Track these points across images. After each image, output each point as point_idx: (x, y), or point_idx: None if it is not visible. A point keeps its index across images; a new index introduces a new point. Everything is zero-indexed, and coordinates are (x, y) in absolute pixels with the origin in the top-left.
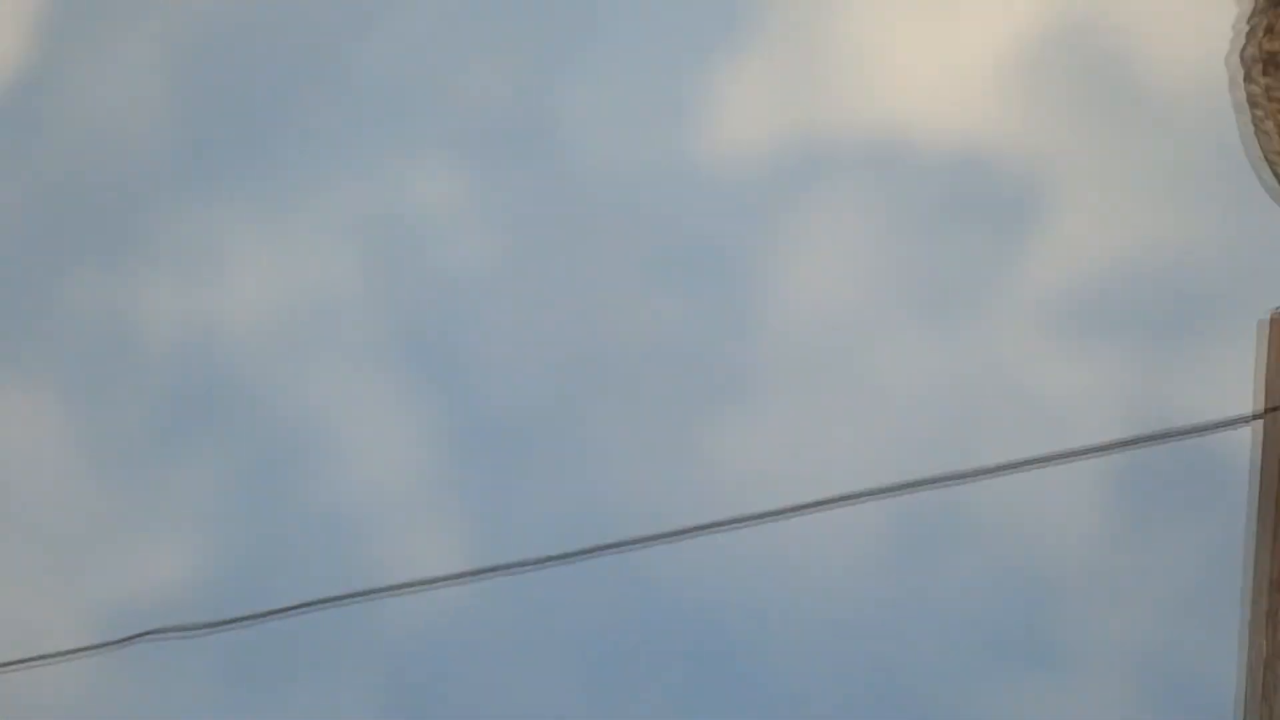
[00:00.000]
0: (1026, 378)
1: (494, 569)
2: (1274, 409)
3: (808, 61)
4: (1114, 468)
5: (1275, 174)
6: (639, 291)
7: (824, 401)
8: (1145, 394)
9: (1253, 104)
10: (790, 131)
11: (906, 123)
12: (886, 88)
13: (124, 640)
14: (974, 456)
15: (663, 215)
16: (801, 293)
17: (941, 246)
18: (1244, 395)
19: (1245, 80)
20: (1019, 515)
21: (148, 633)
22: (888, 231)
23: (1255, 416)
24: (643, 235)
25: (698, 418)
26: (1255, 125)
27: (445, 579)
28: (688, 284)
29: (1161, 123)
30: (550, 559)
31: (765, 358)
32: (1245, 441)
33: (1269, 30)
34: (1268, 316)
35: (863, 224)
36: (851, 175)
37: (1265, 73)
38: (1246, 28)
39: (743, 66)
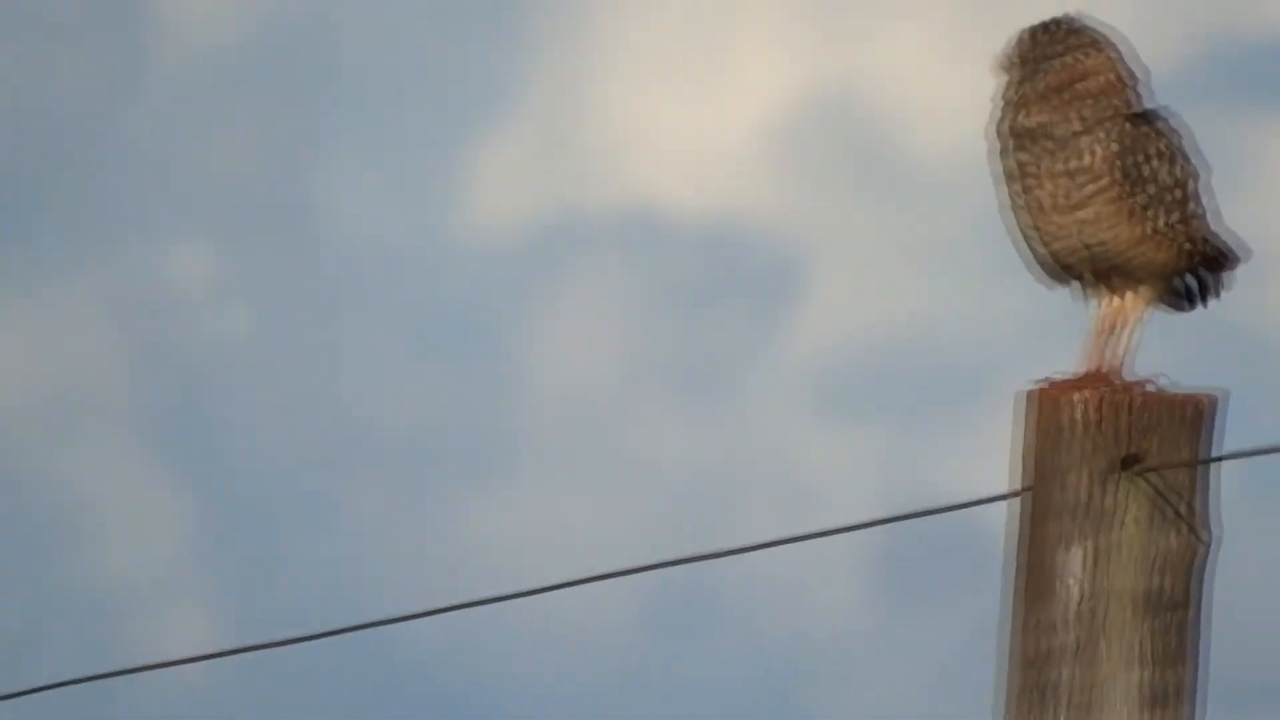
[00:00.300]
0: (785, 454)
1: (252, 647)
2: (1029, 488)
3: (564, 137)
4: (873, 544)
5: (1031, 248)
6: (396, 367)
7: (582, 477)
8: (904, 469)
9: (1010, 178)
10: (547, 207)
11: (663, 197)
12: (643, 163)
13: None
14: (732, 533)
15: (420, 291)
16: (559, 368)
17: (699, 321)
18: (1002, 470)
19: (1002, 154)
20: (778, 591)
21: None
22: (645, 306)
23: (1020, 491)
24: (400, 311)
25: (456, 493)
26: (1013, 199)
27: (202, 657)
28: (445, 360)
29: (922, 196)
30: (309, 637)
31: (523, 433)
32: (1002, 517)
33: (1025, 105)
34: (1025, 391)
35: (620, 299)
36: (608, 250)
37: (1021, 147)
38: (1004, 101)
39: (500, 142)
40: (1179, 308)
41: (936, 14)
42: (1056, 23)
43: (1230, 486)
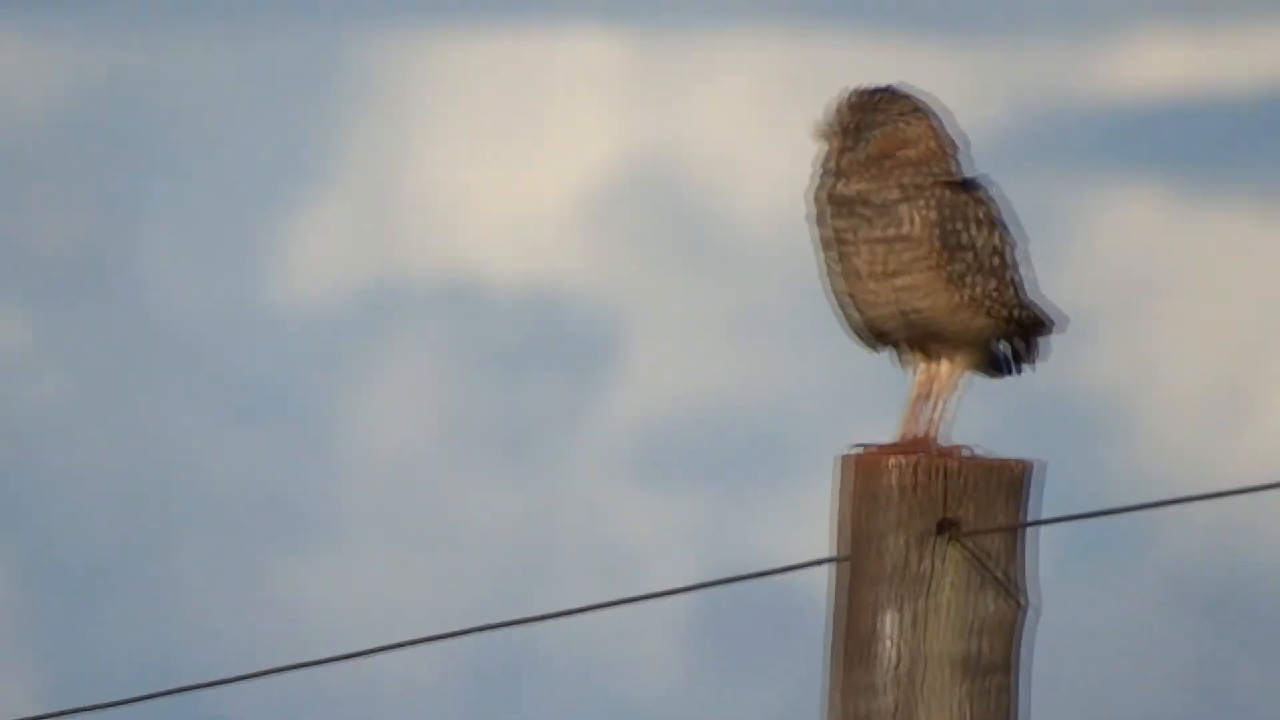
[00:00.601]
0: (605, 518)
1: (73, 710)
2: (846, 554)
3: (383, 204)
4: (695, 609)
5: (848, 315)
6: (215, 434)
7: (404, 541)
8: (725, 534)
9: (827, 245)
10: (367, 273)
11: (482, 264)
12: (462, 229)
13: None
14: (553, 596)
15: (237, 358)
16: (381, 433)
17: (517, 388)
18: (824, 534)
19: (820, 221)
20: (600, 655)
21: None
22: (465, 372)
23: (837, 557)
24: (217, 378)
25: (274, 559)
26: (830, 266)
27: None
28: (264, 426)
29: (740, 261)
30: (128, 700)
31: (346, 497)
32: (824, 582)
33: (845, 173)
34: (843, 456)
35: (440, 364)
36: (428, 316)
37: (840, 214)
38: (824, 169)
39: (319, 209)
40: (995, 374)
41: (755, 82)
42: (877, 91)
43: (1046, 552)
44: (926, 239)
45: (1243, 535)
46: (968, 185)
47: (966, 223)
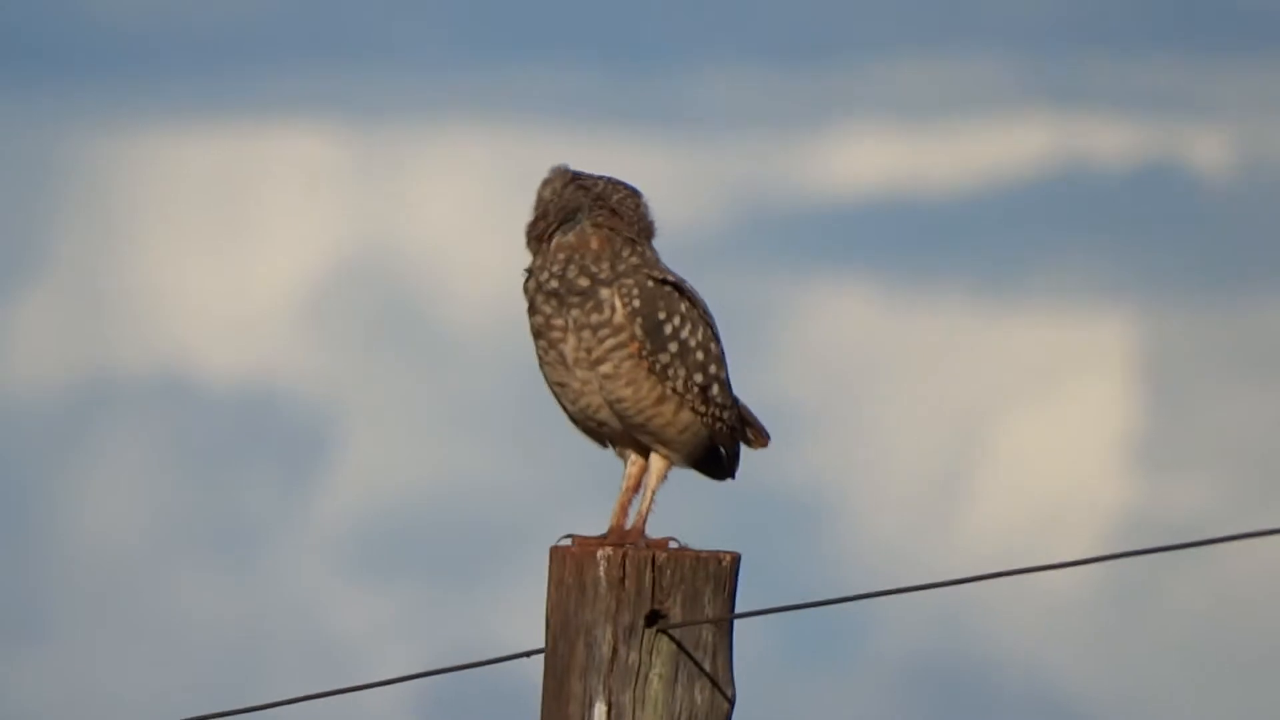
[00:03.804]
0: (321, 612)
1: None
2: (552, 646)
3: (94, 296)
4: (413, 701)
5: (562, 406)
6: None
7: (112, 637)
8: (444, 626)
9: (538, 334)
10: (76, 366)
11: (194, 358)
12: (172, 326)
13: None
14: (264, 690)
15: None
16: (89, 527)
17: (229, 481)
18: (542, 626)
19: (529, 311)
20: None
21: None
22: (175, 465)
23: (543, 649)
24: None
25: None
26: (540, 356)
27: None
28: None
29: (457, 355)
30: None
31: (52, 593)
32: (540, 673)
33: (551, 263)
34: (550, 547)
35: (150, 458)
36: (138, 409)
37: (547, 302)
38: (532, 260)
39: (28, 300)
40: (717, 477)
41: (469, 178)
42: (584, 182)
43: (750, 645)
44: (628, 326)
45: (959, 624)
46: (673, 283)
47: (670, 314)
